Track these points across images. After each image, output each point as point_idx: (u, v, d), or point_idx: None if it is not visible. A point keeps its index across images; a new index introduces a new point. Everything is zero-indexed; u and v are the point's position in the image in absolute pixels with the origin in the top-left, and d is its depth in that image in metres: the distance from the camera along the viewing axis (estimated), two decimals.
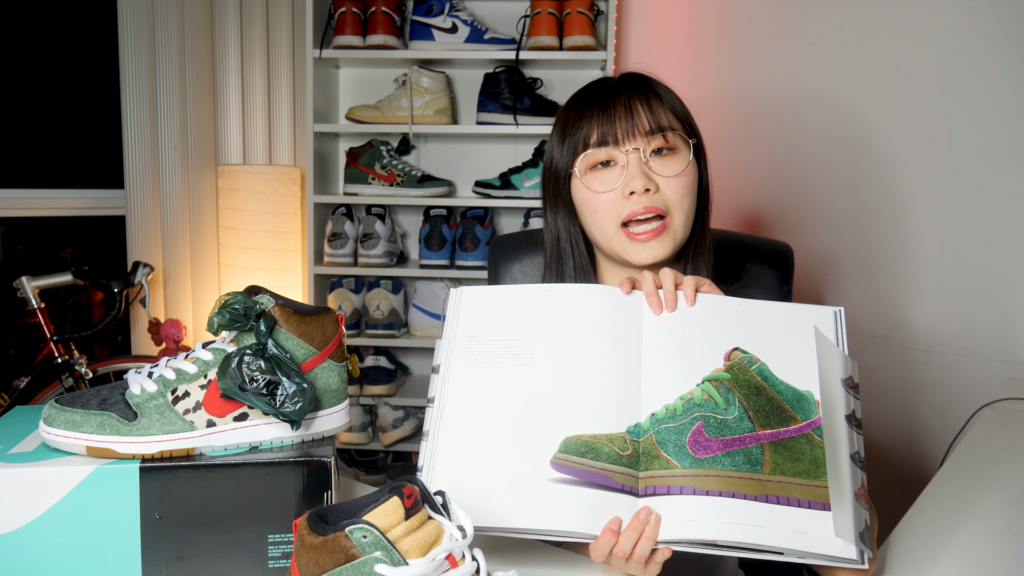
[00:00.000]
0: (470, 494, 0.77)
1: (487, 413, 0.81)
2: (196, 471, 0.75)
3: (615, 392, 0.81)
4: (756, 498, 0.73)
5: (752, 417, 0.77)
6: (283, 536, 0.77)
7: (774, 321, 0.84)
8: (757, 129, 2.19)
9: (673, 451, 0.76)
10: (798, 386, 0.79)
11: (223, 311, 0.76)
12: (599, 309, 0.86)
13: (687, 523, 0.73)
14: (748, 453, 0.76)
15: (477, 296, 0.90)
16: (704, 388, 0.79)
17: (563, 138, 0.99)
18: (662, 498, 0.75)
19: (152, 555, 0.74)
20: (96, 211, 2.54)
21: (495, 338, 0.86)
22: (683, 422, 0.77)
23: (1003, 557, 0.87)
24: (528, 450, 0.78)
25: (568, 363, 0.83)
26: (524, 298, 0.88)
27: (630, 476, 0.76)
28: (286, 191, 2.38)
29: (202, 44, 2.45)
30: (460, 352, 0.86)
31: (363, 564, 0.54)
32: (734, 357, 0.81)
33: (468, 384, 0.84)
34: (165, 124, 2.42)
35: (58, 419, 0.75)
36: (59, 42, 2.64)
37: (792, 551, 0.71)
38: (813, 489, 0.74)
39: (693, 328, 0.84)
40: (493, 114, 2.30)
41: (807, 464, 0.75)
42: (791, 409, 0.78)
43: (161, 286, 2.49)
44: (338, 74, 2.55)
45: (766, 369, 0.80)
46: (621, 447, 0.77)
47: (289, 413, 0.76)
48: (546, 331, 0.85)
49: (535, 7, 2.23)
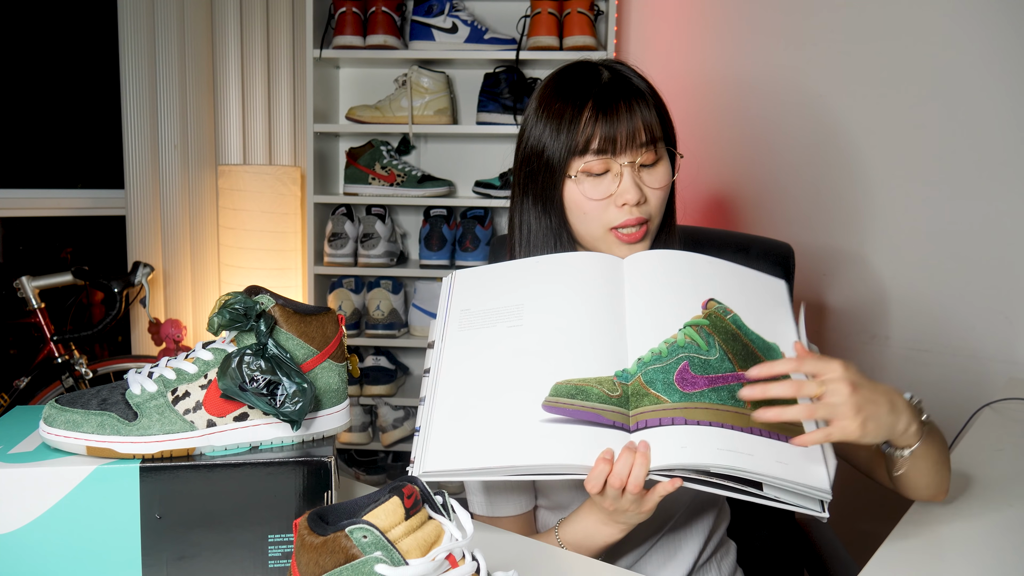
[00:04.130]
0: (465, 444, 0.79)
1: (480, 370, 0.85)
2: (196, 471, 0.75)
3: (602, 342, 0.84)
4: (743, 429, 0.77)
5: (732, 359, 0.82)
6: (283, 536, 0.77)
7: (741, 281, 0.91)
8: (757, 128, 2.19)
9: (662, 388, 0.79)
10: (767, 337, 0.85)
11: (223, 311, 0.76)
12: (582, 271, 0.90)
13: (681, 449, 0.75)
14: (732, 390, 0.79)
15: (468, 276, 0.95)
16: (686, 332, 0.83)
17: (558, 130, 0.96)
18: (654, 430, 0.77)
19: (152, 555, 0.74)
20: (96, 211, 2.54)
21: (486, 308, 0.90)
22: (669, 362, 0.81)
23: (1003, 557, 0.87)
24: (520, 398, 0.81)
25: (555, 320, 0.86)
26: (512, 271, 0.93)
27: (621, 414, 0.79)
28: (286, 191, 2.38)
29: (202, 44, 2.45)
30: (454, 325, 0.90)
31: (363, 564, 0.54)
32: (711, 306, 0.85)
33: (461, 348, 0.88)
34: (165, 124, 2.42)
35: (58, 419, 0.75)
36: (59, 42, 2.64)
37: (775, 479, 0.75)
38: (789, 426, 0.79)
39: (671, 281, 0.89)
40: (493, 114, 2.30)
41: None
42: (763, 356, 0.83)
43: (161, 286, 2.49)
44: (338, 74, 2.55)
45: (739, 319, 0.85)
46: (610, 388, 0.80)
47: (289, 413, 0.76)
48: (533, 296, 0.89)
49: (535, 7, 2.23)
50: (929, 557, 0.86)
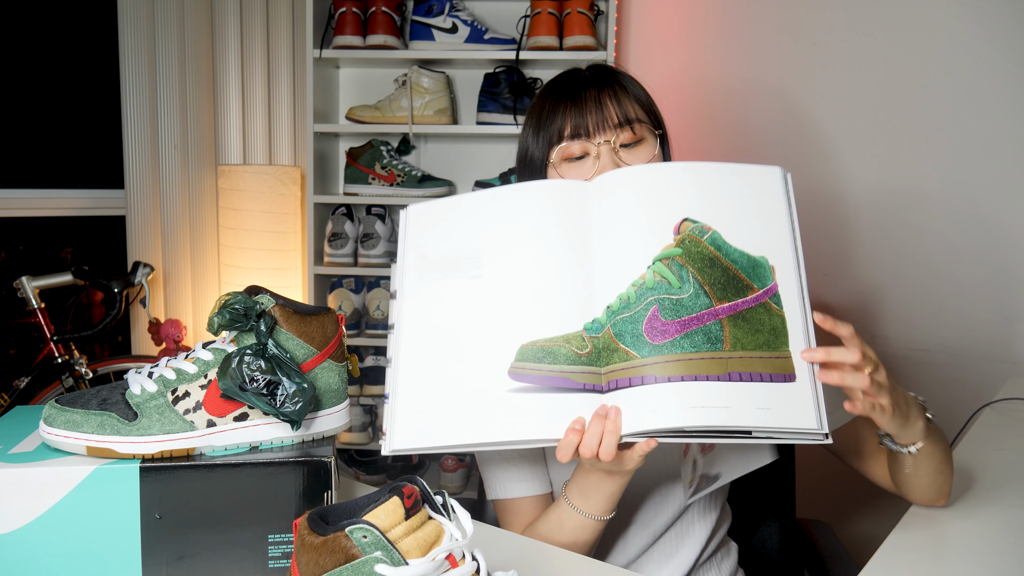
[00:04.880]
0: (431, 421, 0.77)
1: (442, 333, 0.80)
2: (196, 471, 0.75)
3: (568, 290, 0.79)
4: (719, 377, 0.72)
5: (708, 292, 0.75)
6: (283, 536, 0.77)
7: (722, 183, 0.81)
8: (757, 128, 2.19)
9: (631, 341, 0.74)
10: (751, 252, 0.77)
11: (223, 311, 0.76)
12: (544, 205, 0.83)
13: (651, 414, 0.72)
14: (707, 331, 0.74)
15: (422, 212, 0.88)
16: (656, 269, 0.77)
17: (538, 129, 1.01)
18: (624, 391, 0.74)
19: (152, 555, 0.74)
20: (96, 211, 2.53)
21: (442, 255, 0.84)
22: (638, 309, 0.75)
23: (1003, 557, 0.87)
24: (486, 364, 0.77)
25: (517, 269, 0.81)
26: (468, 207, 0.86)
27: (592, 374, 0.75)
28: (286, 191, 2.38)
29: (202, 44, 2.45)
30: (411, 274, 0.84)
31: (363, 564, 0.54)
32: (684, 229, 0.78)
33: (421, 307, 0.82)
34: (165, 124, 2.42)
35: (58, 419, 0.75)
36: (59, 42, 2.64)
37: (758, 429, 0.71)
38: (774, 361, 0.73)
39: (641, 203, 0.81)
40: (493, 114, 2.30)
41: (767, 335, 0.74)
42: (747, 278, 0.76)
43: (161, 286, 2.49)
44: (338, 74, 2.55)
45: (718, 237, 0.77)
46: (579, 346, 0.76)
47: (289, 413, 0.76)
48: (492, 240, 0.83)
49: (535, 7, 2.23)
50: (929, 557, 0.86)
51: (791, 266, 0.78)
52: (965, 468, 1.09)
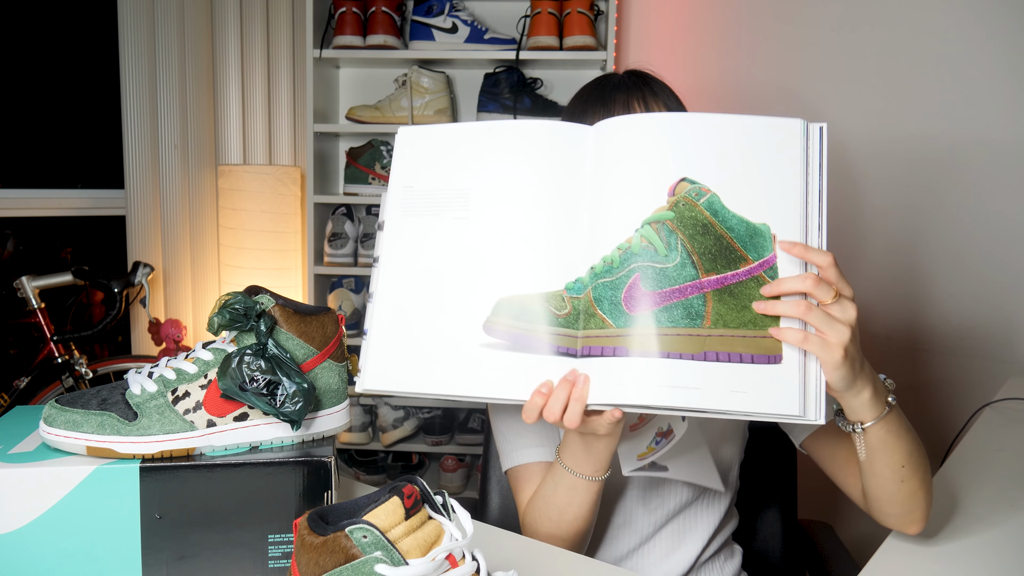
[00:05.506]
0: (403, 364, 0.76)
1: (421, 277, 0.78)
2: (196, 471, 0.75)
3: (554, 244, 0.75)
4: (693, 356, 0.68)
5: (696, 262, 0.71)
6: (283, 536, 0.77)
7: (735, 138, 0.73)
8: None
9: (608, 308, 0.71)
10: (752, 219, 0.71)
11: (223, 311, 0.75)
12: (540, 148, 0.78)
13: (619, 387, 0.70)
14: (688, 305, 0.70)
15: (414, 137, 0.82)
16: (643, 233, 0.72)
17: None
18: (596, 360, 0.71)
19: (152, 555, 0.74)
20: (96, 211, 2.53)
21: (430, 188, 0.80)
22: (620, 275, 0.72)
23: (1003, 557, 0.87)
24: (462, 315, 0.75)
25: (505, 215, 0.77)
26: (462, 139, 0.81)
27: (567, 336, 0.72)
28: (286, 191, 2.38)
29: (202, 44, 2.45)
30: (397, 205, 0.81)
31: (363, 564, 0.54)
32: (680, 190, 0.72)
33: (403, 242, 0.79)
34: (165, 124, 2.42)
35: (58, 419, 0.75)
36: (59, 42, 2.64)
37: (728, 411, 0.67)
38: (759, 341, 0.69)
39: (640, 156, 0.74)
40: (493, 114, 2.30)
41: (755, 313, 0.69)
42: (742, 248, 0.70)
43: (161, 286, 2.49)
44: (338, 74, 2.55)
45: (717, 201, 0.71)
46: (558, 306, 0.73)
47: (289, 413, 0.76)
48: (483, 178, 0.78)
49: (535, 7, 2.23)
50: (929, 557, 0.86)
51: (796, 235, 0.71)
52: (965, 468, 1.09)
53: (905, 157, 1.94)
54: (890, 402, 0.78)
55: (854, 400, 0.75)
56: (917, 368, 1.94)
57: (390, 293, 0.79)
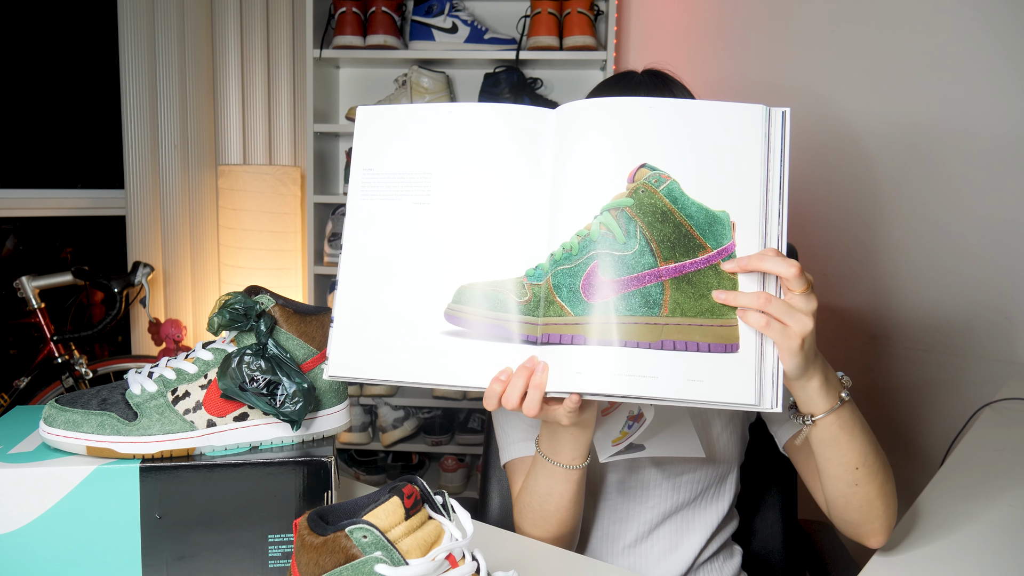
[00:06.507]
0: (366, 351, 0.75)
1: (381, 264, 0.77)
2: (196, 471, 0.75)
3: (516, 230, 0.75)
4: (650, 345, 0.69)
5: (654, 250, 0.71)
6: (283, 536, 0.77)
7: (698, 124, 0.73)
8: None
9: (567, 296, 0.71)
10: (712, 206, 0.71)
11: (223, 311, 0.76)
12: (503, 131, 0.77)
13: (575, 375, 0.70)
14: (646, 294, 0.70)
15: (373, 117, 0.81)
16: (602, 220, 0.72)
17: None
18: (555, 348, 0.71)
19: (152, 555, 0.74)
20: (96, 211, 2.54)
21: (390, 171, 0.79)
22: (579, 262, 0.72)
23: (1003, 558, 0.87)
24: (423, 300, 0.75)
25: (466, 200, 0.76)
26: (422, 120, 0.80)
27: (528, 324, 0.73)
28: (286, 191, 2.38)
29: (202, 44, 2.45)
30: (357, 188, 0.80)
31: (363, 564, 0.54)
32: (639, 177, 0.72)
33: (363, 227, 0.78)
34: (165, 124, 2.42)
35: (58, 419, 0.75)
36: (59, 42, 2.64)
37: (683, 400, 0.68)
38: (716, 330, 0.69)
39: (600, 142, 0.74)
40: None
41: (712, 301, 0.70)
42: (700, 236, 0.71)
43: (161, 286, 2.49)
44: (338, 74, 2.55)
45: (676, 188, 0.71)
46: (519, 293, 0.73)
47: (289, 413, 0.76)
48: (444, 162, 0.78)
49: (535, 7, 2.23)
50: (929, 557, 0.86)
51: (755, 223, 0.71)
52: (965, 468, 1.09)
53: (905, 155, 1.94)
54: (843, 397, 0.78)
55: (805, 388, 0.76)
56: (917, 368, 1.94)
57: (351, 280, 0.78)
